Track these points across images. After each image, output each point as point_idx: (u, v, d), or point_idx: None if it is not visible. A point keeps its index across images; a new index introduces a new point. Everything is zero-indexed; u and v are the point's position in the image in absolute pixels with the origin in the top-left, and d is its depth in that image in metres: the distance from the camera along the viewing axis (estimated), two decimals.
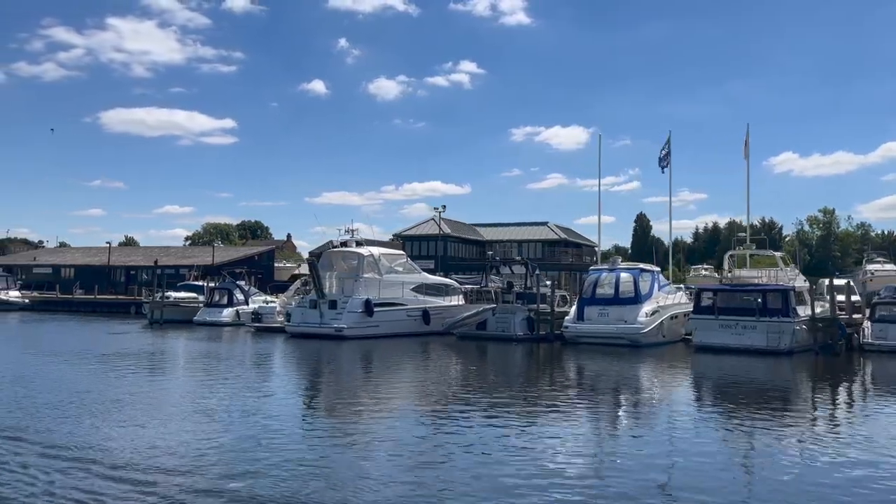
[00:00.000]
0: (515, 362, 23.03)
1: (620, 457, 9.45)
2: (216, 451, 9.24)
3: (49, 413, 11.69)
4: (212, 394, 14.46)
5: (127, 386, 15.36)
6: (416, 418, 12.23)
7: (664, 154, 36.61)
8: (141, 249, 71.32)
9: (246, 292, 37.59)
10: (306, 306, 28.48)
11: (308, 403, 14.50)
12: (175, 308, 37.18)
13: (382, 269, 29.37)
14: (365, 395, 15.08)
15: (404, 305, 29.31)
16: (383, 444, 9.97)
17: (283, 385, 17.30)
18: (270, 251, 68.39)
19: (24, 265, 65.01)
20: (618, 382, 17.99)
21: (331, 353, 24.28)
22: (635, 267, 27.92)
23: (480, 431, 10.91)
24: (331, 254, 30.02)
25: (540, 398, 14.93)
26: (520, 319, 27.42)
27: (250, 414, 12.15)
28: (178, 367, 19.94)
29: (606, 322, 25.62)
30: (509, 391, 16.02)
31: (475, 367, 21.60)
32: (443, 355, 23.79)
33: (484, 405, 13.53)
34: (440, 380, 17.76)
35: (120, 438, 9.91)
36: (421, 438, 10.34)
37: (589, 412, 13.39)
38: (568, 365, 22.20)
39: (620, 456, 9.50)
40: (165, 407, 12.74)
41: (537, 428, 11.46)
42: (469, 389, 16.07)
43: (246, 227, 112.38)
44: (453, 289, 32.28)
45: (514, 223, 61.25)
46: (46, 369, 17.84)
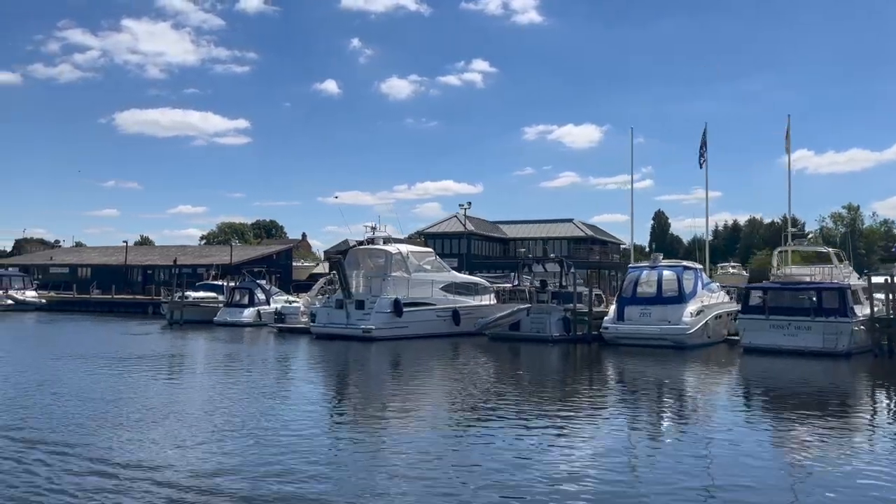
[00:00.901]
0: (552, 364, 22.07)
1: (661, 468, 8.78)
2: (247, 462, 8.77)
3: (85, 424, 10.91)
4: (241, 399, 13.68)
5: (155, 393, 14.55)
6: (448, 424, 11.65)
7: (702, 149, 35.29)
8: (157, 249, 70.87)
9: (267, 292, 36.76)
10: (332, 306, 27.54)
11: (338, 408, 13.79)
12: (195, 308, 36.44)
13: (411, 267, 28.37)
14: (395, 400, 14.32)
15: (434, 305, 28.30)
16: (412, 452, 9.45)
17: (312, 389, 16.50)
18: (288, 250, 67.63)
19: (41, 265, 64.73)
20: (662, 386, 16.99)
21: (359, 355, 23.38)
22: (678, 264, 26.73)
23: (517, 439, 10.34)
24: (357, 252, 29.10)
25: (578, 402, 14.20)
26: (556, 319, 26.33)
27: (279, 421, 11.51)
28: (205, 371, 19.08)
29: (648, 322, 24.49)
30: (546, 395, 15.27)
31: (509, 369, 20.65)
32: (475, 357, 22.86)
33: (520, 410, 12.92)
34: (473, 383, 16.90)
35: (158, 450, 9.34)
36: (452, 445, 9.94)
37: (630, 418, 12.69)
38: (608, 367, 21.24)
39: (661, 467, 8.83)
40: (196, 415, 11.97)
41: (575, 434, 10.82)
42: (504, 393, 15.28)
43: (261, 227, 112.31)
44: (483, 288, 31.21)
45: (537, 220, 60.11)
46: (71, 374, 17.05)
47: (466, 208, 45.89)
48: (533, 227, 59.45)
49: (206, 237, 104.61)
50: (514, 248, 57.59)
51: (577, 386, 17.34)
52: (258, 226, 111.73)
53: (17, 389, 14.47)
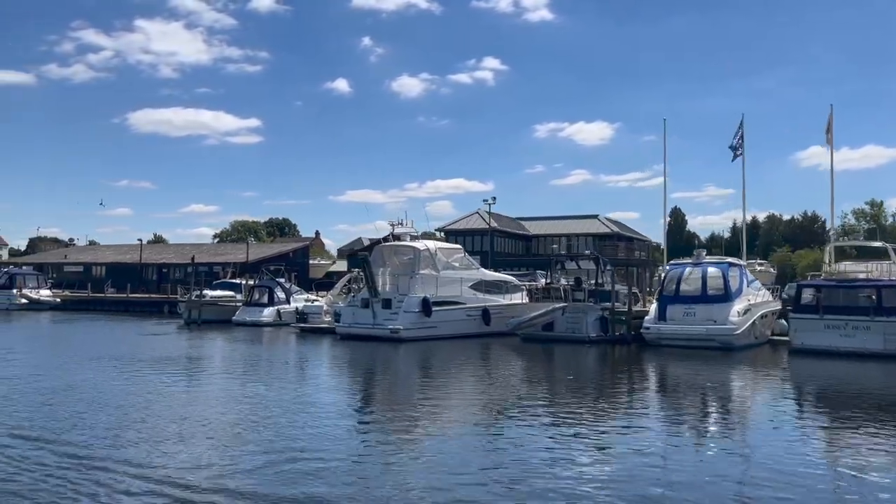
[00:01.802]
0: (589, 366, 21.10)
1: (703, 479, 8.10)
2: (272, 465, 8.50)
3: (119, 435, 10.05)
4: (266, 405, 12.99)
5: (180, 398, 13.65)
6: (483, 429, 11.08)
7: (738, 141, 33.93)
8: (172, 247, 70.28)
9: (287, 290, 35.82)
10: (357, 305, 26.53)
11: (367, 412, 13.14)
12: (212, 307, 35.56)
13: (439, 264, 27.31)
14: (427, 404, 13.53)
15: (463, 304, 27.23)
16: (443, 458, 9.06)
17: (340, 393, 15.67)
18: (305, 248, 66.86)
19: (55, 263, 64.27)
20: (708, 390, 15.95)
21: (387, 357, 22.44)
22: (723, 261, 25.52)
23: (552, 446, 9.82)
24: (382, 249, 28.08)
25: (619, 407, 13.59)
26: (593, 319, 25.19)
27: (306, 427, 10.89)
28: (227, 373, 18.13)
29: (693, 322, 23.31)
30: (584, 398, 14.50)
31: (547, 371, 19.72)
32: (509, 359, 21.92)
33: (557, 414, 12.35)
34: (509, 387, 16.09)
35: (183, 458, 8.80)
36: (485, 451, 9.51)
37: (674, 424, 11.90)
38: (650, 369, 20.21)
39: (703, 478, 8.15)
40: (220, 421, 11.22)
41: (615, 441, 10.25)
42: (541, 397, 14.68)
43: (274, 225, 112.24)
44: (513, 286, 30.09)
45: (560, 216, 58.82)
46: (93, 378, 16.13)
47: (491, 203, 44.66)
48: (556, 224, 58.14)
49: (220, 235, 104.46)
50: (537, 246, 56.48)
51: (617, 389, 16.48)
52: (271, 224, 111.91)
53: (42, 395, 13.60)
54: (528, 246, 55.31)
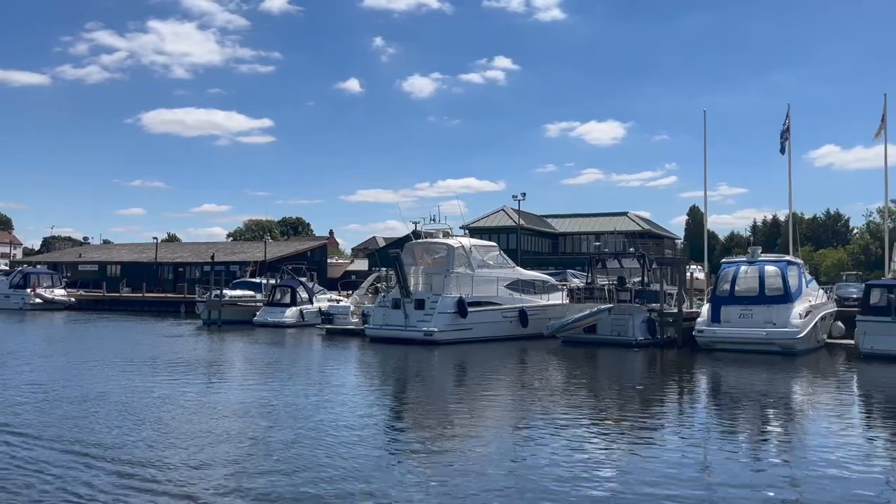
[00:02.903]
0: (637, 371, 19.79)
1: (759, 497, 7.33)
2: (297, 475, 8.13)
3: (162, 454, 9.04)
4: (296, 413, 11.94)
5: (211, 411, 12.38)
6: (530, 442, 10.19)
7: (785, 129, 32.33)
8: (188, 246, 69.45)
9: (310, 290, 34.63)
10: (388, 306, 25.23)
11: (404, 422, 12.19)
12: (232, 308, 34.42)
13: (474, 262, 25.96)
14: (469, 413, 12.64)
15: (499, 305, 25.87)
16: (482, 471, 8.44)
17: (373, 402, 14.24)
18: (322, 246, 65.77)
19: (70, 262, 63.53)
20: (770, 398, 14.56)
21: (422, 361, 21.17)
22: (781, 259, 24.03)
23: (601, 459, 9.16)
24: (413, 247, 26.75)
25: (671, 417, 12.69)
26: (639, 321, 23.79)
27: (337, 437, 10.12)
28: (253, 379, 16.90)
29: (750, 325, 21.84)
30: (636, 407, 13.66)
31: (593, 378, 18.22)
32: (551, 364, 20.63)
33: (608, 425, 11.59)
34: (555, 395, 14.91)
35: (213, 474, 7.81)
36: (529, 467, 8.74)
37: (734, 438, 10.90)
38: (704, 376, 18.81)
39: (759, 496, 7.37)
40: (248, 431, 10.36)
41: (666, 456, 9.34)
42: (591, 406, 13.64)
43: (287, 224, 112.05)
44: (550, 286, 28.69)
45: (588, 213, 57.26)
46: (120, 386, 14.95)
47: (521, 199, 43.15)
48: (584, 221, 56.65)
49: (234, 235, 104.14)
50: (564, 244, 55.03)
51: (669, 397, 15.27)
52: (285, 223, 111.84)
53: (72, 405, 12.51)
54: (554, 244, 53.81)
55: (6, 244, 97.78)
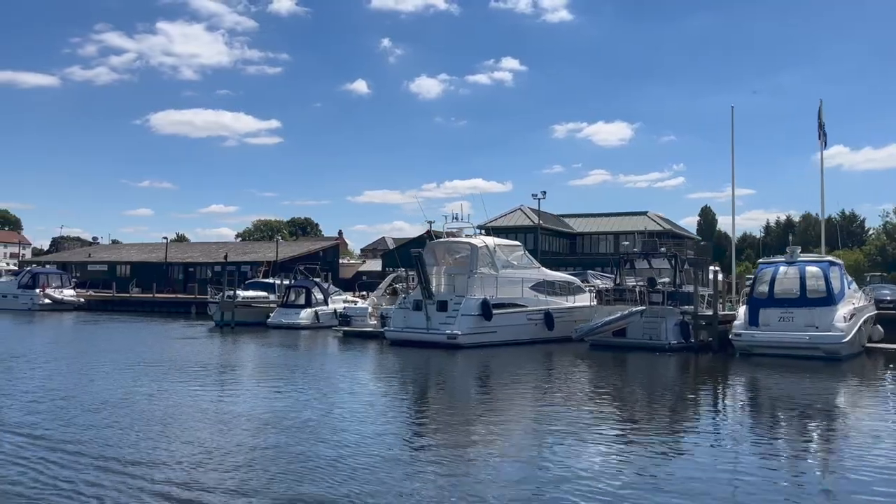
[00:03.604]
0: (671, 377, 18.94)
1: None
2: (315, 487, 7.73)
3: (184, 467, 8.46)
4: (321, 421, 11.30)
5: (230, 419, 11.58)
6: (563, 454, 9.53)
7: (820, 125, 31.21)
8: (198, 246, 68.85)
9: (325, 291, 33.86)
10: (408, 307, 24.36)
11: (429, 432, 11.31)
12: (245, 309, 33.66)
13: (498, 262, 25.05)
14: (497, 422, 11.85)
15: (524, 307, 24.96)
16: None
17: (397, 409, 13.36)
18: (335, 247, 65.08)
19: (79, 262, 63.03)
20: (817, 409, 13.56)
21: (445, 366, 20.37)
22: (822, 259, 23.03)
23: (634, 473, 8.60)
24: (433, 246, 25.87)
25: (708, 428, 11.94)
26: (672, 324, 22.84)
27: (361, 447, 9.53)
28: (276, 384, 16.04)
29: (791, 328, 20.86)
30: (671, 415, 12.98)
31: (627, 385, 17.24)
32: (580, 369, 19.74)
33: (651, 435, 10.83)
34: (588, 402, 14.12)
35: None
36: (559, 481, 8.13)
37: (773, 450, 10.02)
38: (742, 382, 17.90)
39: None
40: (278, 442, 9.50)
41: (703, 469, 8.76)
42: (627, 414, 12.88)
43: (296, 224, 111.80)
44: (576, 287, 27.75)
45: (607, 213, 56.22)
46: (136, 392, 14.21)
47: (541, 198, 42.18)
48: (602, 221, 55.60)
49: (242, 235, 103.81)
50: (582, 244, 54.03)
51: (706, 405, 14.53)
52: (293, 224, 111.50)
53: (91, 413, 11.78)
54: (572, 244, 52.81)
55: (15, 244, 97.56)
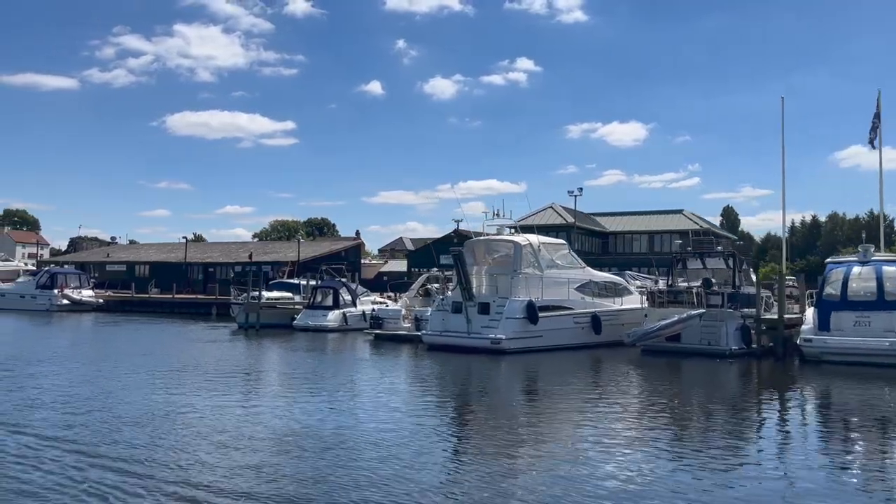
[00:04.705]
0: (735, 387, 17.53)
1: None
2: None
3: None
4: (362, 435, 10.03)
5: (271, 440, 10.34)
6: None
7: (875, 118, 29.51)
8: (217, 245, 67.98)
9: (353, 292, 32.57)
10: (447, 310, 22.99)
11: (481, 447, 10.31)
12: (270, 310, 32.48)
13: (543, 262, 23.59)
14: (553, 438, 10.81)
15: (570, 310, 23.49)
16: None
17: (442, 423, 11.82)
18: (357, 246, 63.89)
19: (98, 262, 62.33)
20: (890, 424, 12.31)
21: (489, 373, 19.11)
22: None
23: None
24: (473, 244, 24.47)
25: (775, 442, 10.95)
26: (733, 329, 21.31)
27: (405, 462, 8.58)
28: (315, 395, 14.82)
29: (868, 334, 19.31)
30: (741, 430, 11.68)
31: (688, 394, 15.88)
32: (636, 377, 18.41)
33: (720, 454, 9.72)
34: (656, 415, 12.87)
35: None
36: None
37: (853, 471, 9.07)
38: (814, 393, 16.43)
39: None
40: (319, 457, 8.26)
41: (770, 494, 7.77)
42: (695, 430, 11.61)
43: (312, 225, 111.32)
44: (623, 288, 26.25)
45: (640, 212, 54.58)
46: (175, 403, 13.08)
47: (577, 195, 40.65)
48: (636, 220, 53.94)
49: (259, 235, 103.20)
50: (615, 244, 52.43)
51: (775, 418, 13.24)
52: (310, 224, 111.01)
53: (127, 426, 10.66)
54: (604, 244, 51.19)
55: (33, 244, 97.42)
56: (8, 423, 10.75)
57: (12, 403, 12.60)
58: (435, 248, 49.94)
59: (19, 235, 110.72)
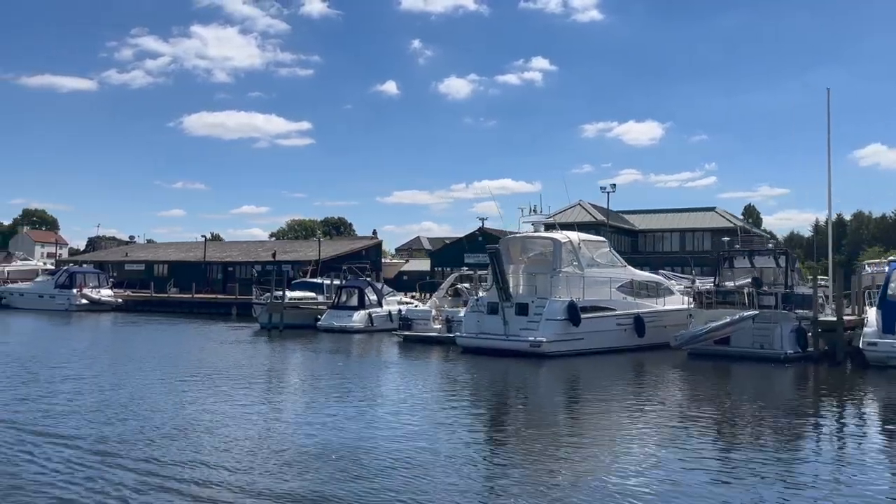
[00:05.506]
0: (793, 394, 16.39)
1: None
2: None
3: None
4: (398, 447, 8.84)
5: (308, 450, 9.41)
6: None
7: None
8: (236, 244, 67.43)
9: (379, 292, 31.66)
10: (482, 311, 21.98)
11: (526, 462, 8.83)
12: (293, 311, 31.64)
13: (583, 260, 22.52)
14: (609, 456, 9.72)
15: (612, 310, 22.41)
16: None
17: (484, 438, 10.80)
18: (377, 245, 62.96)
19: (116, 262, 61.95)
20: None
21: (530, 378, 18.08)
22: None
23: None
24: (509, 242, 23.45)
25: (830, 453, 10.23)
26: (788, 331, 20.14)
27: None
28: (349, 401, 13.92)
29: None
30: (807, 440, 11.02)
31: (748, 403, 14.52)
32: (686, 384, 17.37)
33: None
34: (718, 428, 11.73)
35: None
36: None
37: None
38: (880, 403, 15.19)
39: None
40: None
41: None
42: (761, 445, 10.41)
43: (329, 224, 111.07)
44: (665, 288, 25.10)
45: (671, 209, 53.25)
46: (210, 411, 12.34)
47: (610, 192, 39.47)
48: (667, 218, 52.65)
49: (276, 235, 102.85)
50: (644, 242, 51.19)
51: (835, 429, 12.17)
52: (327, 223, 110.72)
53: (163, 438, 9.86)
54: (634, 242, 49.93)
55: (52, 244, 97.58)
56: (45, 432, 10.25)
57: (40, 411, 11.98)
58: (459, 247, 48.99)
59: (38, 235, 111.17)
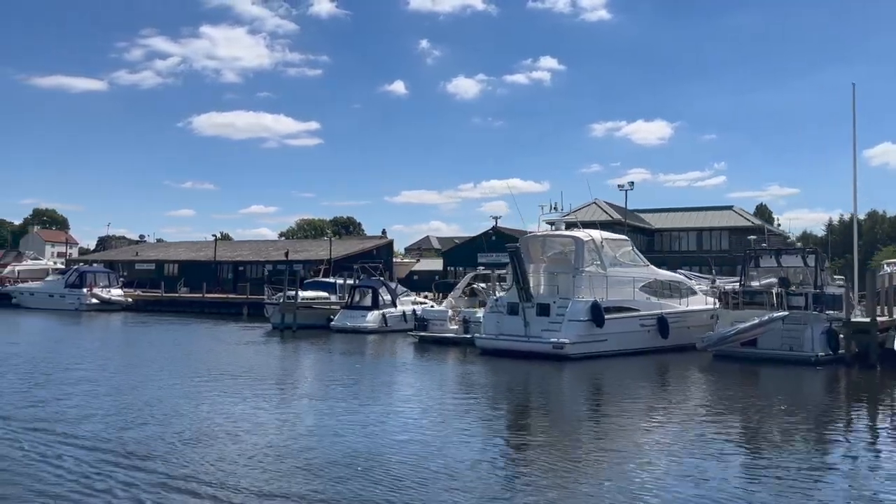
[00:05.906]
0: (824, 398, 15.87)
1: None
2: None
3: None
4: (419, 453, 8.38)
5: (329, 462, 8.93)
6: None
7: None
8: (246, 244, 67.12)
9: (393, 291, 31.20)
10: (502, 311, 21.47)
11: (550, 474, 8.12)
12: (306, 311, 31.22)
13: (606, 260, 21.97)
14: (640, 469, 8.89)
15: (636, 311, 21.86)
16: None
17: (504, 443, 10.29)
18: (388, 245, 62.47)
19: (126, 261, 61.75)
20: None
21: (552, 381, 17.59)
22: None
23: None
24: (529, 240, 22.92)
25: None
26: (819, 333, 19.55)
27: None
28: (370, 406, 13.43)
29: None
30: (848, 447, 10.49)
31: (783, 409, 13.89)
32: (714, 387, 16.82)
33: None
34: (758, 438, 10.98)
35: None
36: None
37: None
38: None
39: None
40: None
41: None
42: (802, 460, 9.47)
43: (338, 223, 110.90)
44: (688, 288, 24.52)
45: (687, 208, 52.56)
46: (220, 412, 11.96)
47: (628, 189, 38.84)
48: (683, 217, 51.98)
49: (285, 234, 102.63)
50: (661, 242, 50.53)
51: (867, 437, 11.66)
52: (336, 223, 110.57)
53: (183, 443, 9.46)
54: (649, 241, 49.28)
55: (62, 243, 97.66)
56: (65, 434, 10.05)
57: (56, 412, 11.73)
58: (471, 246, 48.50)
59: (48, 234, 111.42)
